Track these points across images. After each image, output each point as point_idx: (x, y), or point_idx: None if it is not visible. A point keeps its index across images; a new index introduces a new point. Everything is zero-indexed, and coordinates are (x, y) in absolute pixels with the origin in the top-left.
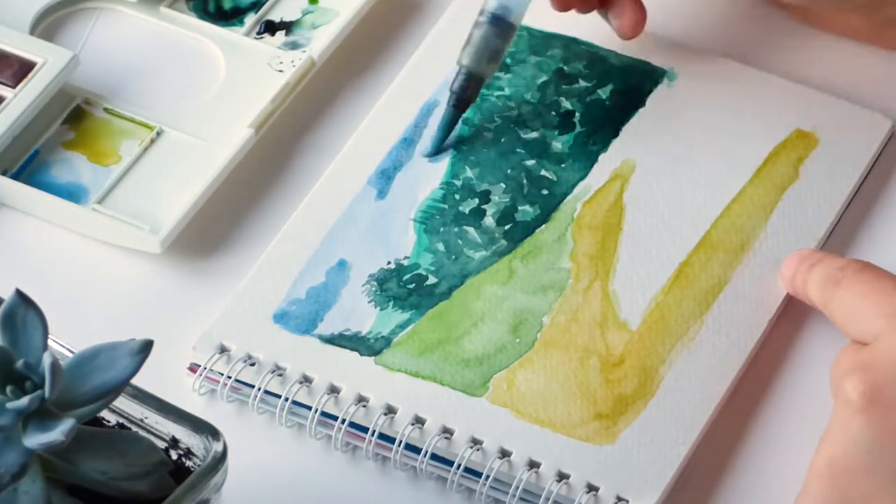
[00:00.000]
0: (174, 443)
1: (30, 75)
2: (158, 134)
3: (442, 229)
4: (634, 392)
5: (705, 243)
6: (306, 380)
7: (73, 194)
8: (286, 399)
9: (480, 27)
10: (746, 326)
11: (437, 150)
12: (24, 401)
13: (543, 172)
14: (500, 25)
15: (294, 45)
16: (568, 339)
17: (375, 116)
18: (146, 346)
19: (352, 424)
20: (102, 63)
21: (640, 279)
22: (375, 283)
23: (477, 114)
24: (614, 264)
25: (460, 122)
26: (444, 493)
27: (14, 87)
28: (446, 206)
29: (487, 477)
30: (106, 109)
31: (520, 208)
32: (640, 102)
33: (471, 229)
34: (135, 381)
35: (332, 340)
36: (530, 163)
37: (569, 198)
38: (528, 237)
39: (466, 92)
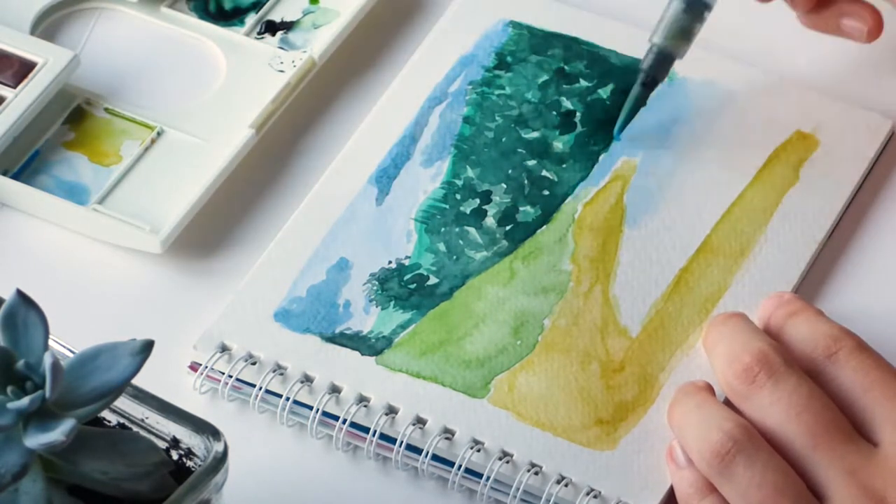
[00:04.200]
0: (175, 443)
1: (30, 75)
2: (159, 134)
3: (443, 229)
4: (635, 399)
5: (705, 248)
6: (307, 379)
7: (73, 194)
8: (287, 398)
9: (674, 4)
10: None
11: (622, 129)
12: (24, 401)
13: (544, 173)
14: (695, 5)
15: (294, 45)
16: (569, 343)
17: (376, 116)
18: (147, 347)
19: (353, 424)
20: (103, 63)
21: (640, 285)
22: (377, 283)
23: (478, 113)
24: (615, 268)
25: (461, 120)
26: (444, 494)
27: (15, 87)
28: (447, 206)
29: (488, 478)
30: (106, 109)
31: (521, 209)
32: (641, 102)
33: (472, 229)
34: (135, 380)
35: (333, 339)
36: (531, 163)
37: (570, 198)
38: (528, 238)
39: (656, 70)
